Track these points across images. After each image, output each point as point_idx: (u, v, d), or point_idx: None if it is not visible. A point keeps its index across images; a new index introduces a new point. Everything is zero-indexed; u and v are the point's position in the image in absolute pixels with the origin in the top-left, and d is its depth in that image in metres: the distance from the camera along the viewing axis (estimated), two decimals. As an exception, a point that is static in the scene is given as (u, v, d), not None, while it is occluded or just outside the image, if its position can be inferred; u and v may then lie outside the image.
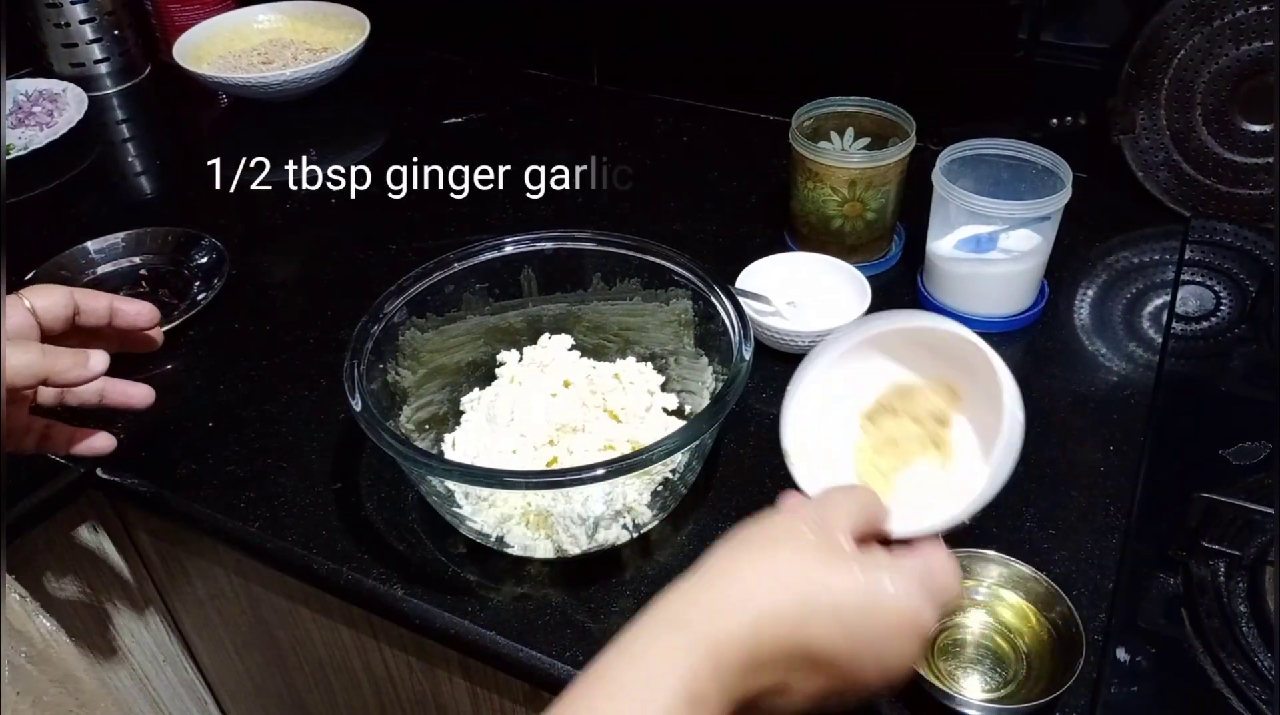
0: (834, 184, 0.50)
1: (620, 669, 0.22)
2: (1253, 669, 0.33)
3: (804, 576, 0.23)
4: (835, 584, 0.23)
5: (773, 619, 0.23)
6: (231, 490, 0.43)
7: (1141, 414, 0.44)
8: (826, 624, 0.23)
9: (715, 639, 0.22)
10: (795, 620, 0.23)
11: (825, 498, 0.27)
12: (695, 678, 0.22)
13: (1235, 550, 0.37)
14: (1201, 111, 0.52)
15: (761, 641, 0.23)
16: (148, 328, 0.38)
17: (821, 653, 0.23)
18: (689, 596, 0.23)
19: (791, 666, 0.23)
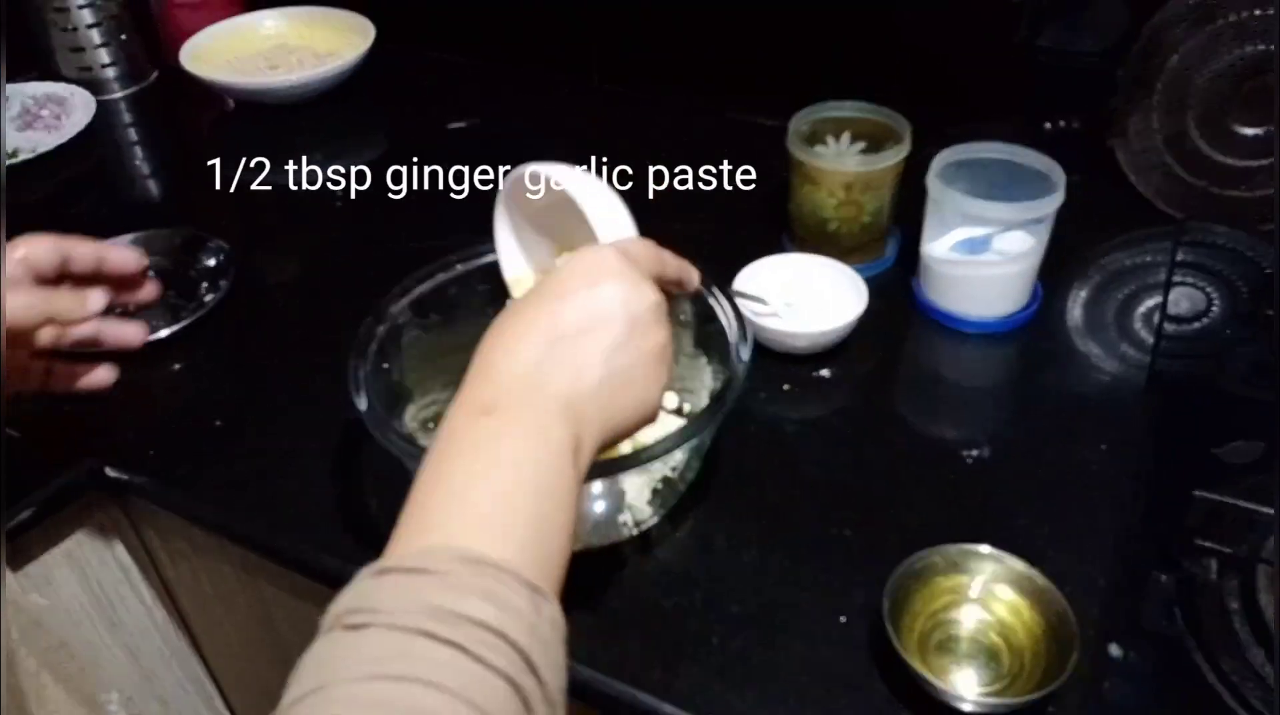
0: (830, 187, 0.51)
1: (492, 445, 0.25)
2: (1246, 666, 0.34)
3: (512, 311, 0.28)
4: (529, 296, 0.28)
5: (506, 345, 0.26)
6: (238, 488, 0.43)
7: (1134, 414, 0.45)
8: (542, 306, 0.27)
9: (478, 382, 0.26)
10: (522, 329, 0.27)
11: None
12: (476, 400, 0.25)
13: (1229, 548, 0.38)
14: (1195, 115, 0.53)
15: (514, 357, 0.26)
16: (136, 271, 0.38)
17: (560, 321, 0.27)
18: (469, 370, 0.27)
19: (557, 350, 0.26)
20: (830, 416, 0.46)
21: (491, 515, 0.23)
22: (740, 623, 0.37)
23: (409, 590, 0.21)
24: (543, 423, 0.25)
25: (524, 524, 0.23)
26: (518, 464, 0.24)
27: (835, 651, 0.36)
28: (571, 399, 0.26)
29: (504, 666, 0.20)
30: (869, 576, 0.38)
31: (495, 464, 0.24)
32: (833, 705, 0.34)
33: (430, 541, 0.23)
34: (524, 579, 0.22)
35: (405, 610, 0.20)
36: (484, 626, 0.20)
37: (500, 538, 0.23)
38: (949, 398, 0.48)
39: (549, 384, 0.26)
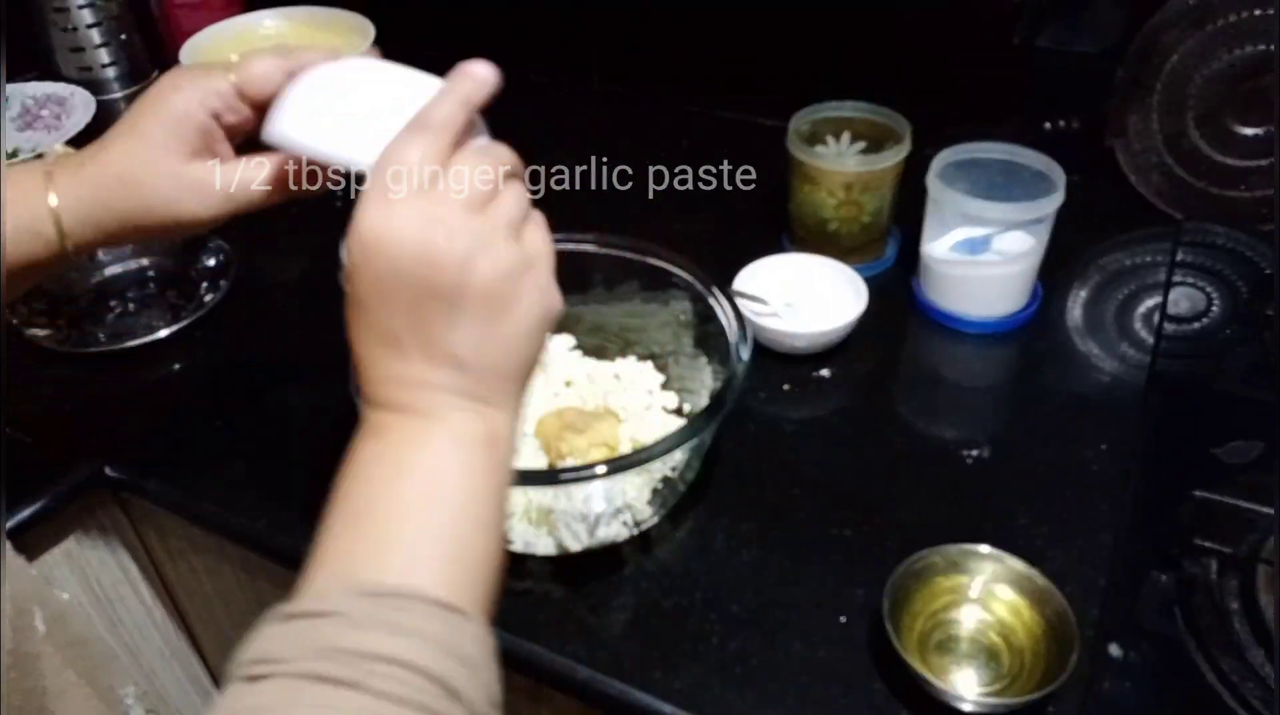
0: (830, 187, 0.51)
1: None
2: (1245, 665, 0.34)
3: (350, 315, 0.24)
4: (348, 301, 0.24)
5: (356, 346, 0.23)
6: (238, 488, 0.43)
7: (1134, 414, 0.45)
8: (355, 310, 0.24)
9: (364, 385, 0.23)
10: (356, 337, 0.24)
11: None
12: (364, 414, 0.23)
13: (1227, 548, 0.38)
14: (1194, 115, 0.53)
15: (360, 357, 0.23)
16: None
17: (377, 324, 0.23)
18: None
19: (388, 342, 0.23)
20: (830, 416, 0.46)
21: (394, 537, 0.22)
22: (740, 622, 0.37)
23: (306, 635, 0.20)
24: (430, 422, 0.23)
25: (433, 540, 0.22)
26: (418, 473, 0.22)
27: (835, 651, 0.36)
28: (444, 383, 0.23)
29: (413, 696, 0.19)
30: (869, 576, 0.38)
31: (394, 479, 0.22)
32: (832, 705, 0.34)
33: (333, 573, 0.21)
34: (436, 600, 0.21)
35: (301, 656, 0.19)
36: (386, 660, 0.19)
37: (406, 561, 0.21)
38: (949, 398, 0.48)
39: (412, 381, 0.23)
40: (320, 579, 0.22)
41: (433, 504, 0.22)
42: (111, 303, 0.55)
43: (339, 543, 0.22)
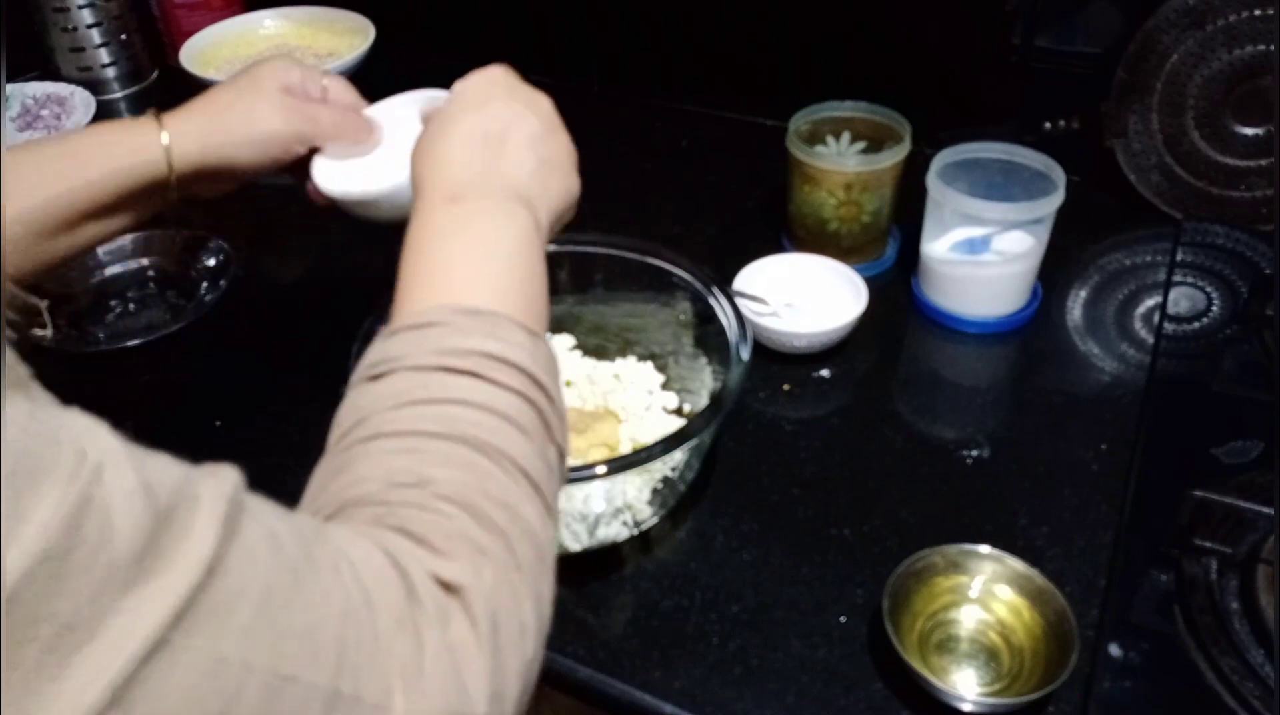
0: (830, 187, 0.51)
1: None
2: (1244, 665, 0.34)
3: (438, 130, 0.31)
4: (444, 117, 0.31)
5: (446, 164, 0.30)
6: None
7: (1133, 413, 0.45)
8: (460, 122, 0.30)
9: (438, 178, 0.29)
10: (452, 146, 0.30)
11: None
12: (442, 190, 0.29)
13: (1227, 548, 0.38)
14: (1193, 115, 0.53)
15: (457, 160, 0.29)
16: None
17: (481, 128, 0.30)
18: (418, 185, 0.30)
19: (489, 151, 0.30)
20: (830, 416, 0.46)
21: (481, 278, 0.26)
22: (740, 622, 0.37)
23: (420, 340, 0.24)
24: (505, 206, 0.28)
25: (511, 284, 0.26)
26: (496, 238, 0.27)
27: (835, 651, 0.36)
28: (518, 186, 0.29)
29: (516, 385, 0.23)
30: (868, 576, 0.38)
31: (475, 239, 0.27)
32: (832, 705, 0.34)
33: (428, 303, 0.25)
34: (519, 322, 0.25)
35: (420, 353, 0.23)
36: (492, 357, 0.23)
37: (493, 294, 0.26)
38: (949, 397, 0.48)
39: (496, 176, 0.29)
40: (417, 309, 0.25)
41: (511, 260, 0.27)
42: (111, 303, 0.55)
43: (432, 285, 0.26)
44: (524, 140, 0.30)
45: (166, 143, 0.35)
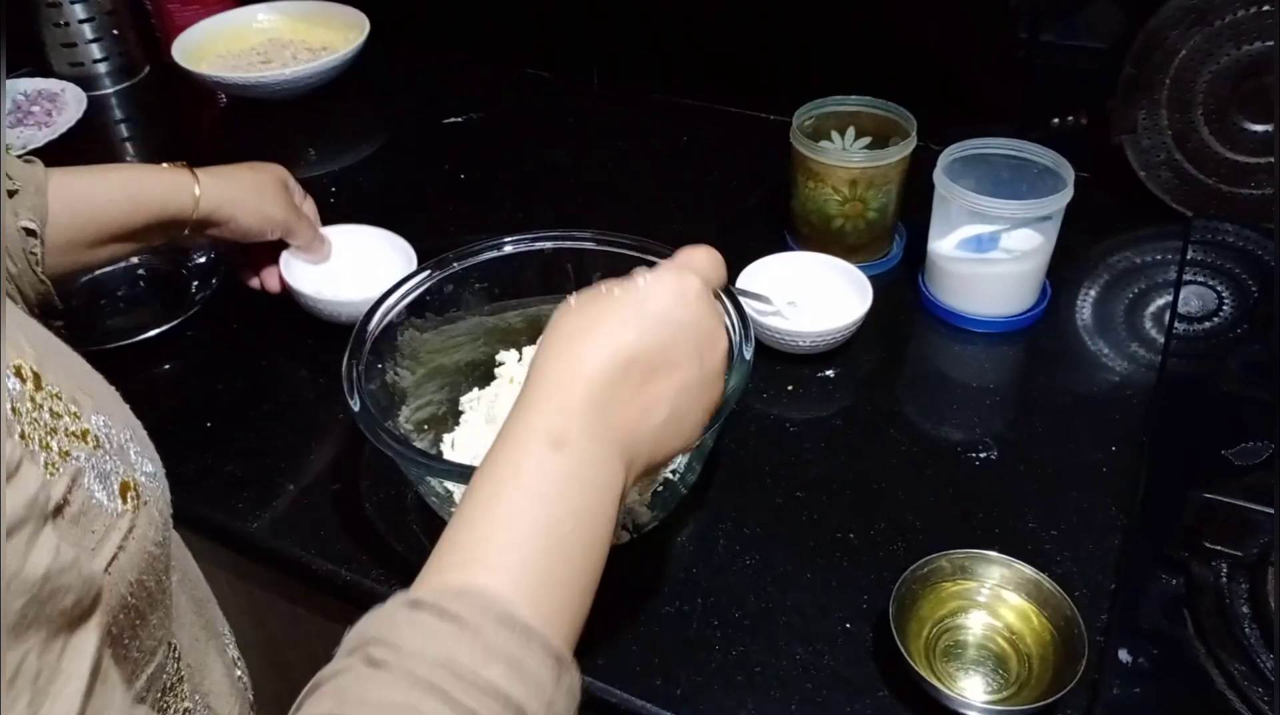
0: (835, 184, 0.50)
1: (493, 451, 0.25)
2: (1254, 669, 0.33)
3: (589, 317, 0.27)
4: (607, 305, 0.27)
5: (582, 359, 0.26)
6: (230, 491, 0.43)
7: (1143, 414, 0.44)
8: (625, 330, 0.26)
9: (550, 397, 0.26)
10: (600, 347, 0.26)
11: None
12: (549, 426, 0.25)
13: (1237, 551, 0.37)
14: (1202, 111, 0.52)
15: (589, 379, 0.26)
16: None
17: (641, 356, 0.26)
18: (530, 388, 0.27)
19: (630, 382, 0.26)
20: (834, 417, 0.45)
21: (541, 570, 0.23)
22: (742, 628, 0.36)
23: (436, 637, 0.21)
24: (608, 465, 0.25)
25: (568, 585, 0.23)
26: (578, 514, 0.24)
27: (839, 657, 0.35)
28: (635, 437, 0.26)
29: None
30: (873, 580, 0.37)
31: (557, 512, 0.24)
32: (836, 712, 0.34)
33: (472, 578, 0.22)
34: (552, 647, 0.22)
35: (427, 659, 0.21)
36: (501, 698, 0.20)
37: (543, 597, 0.23)
38: (955, 398, 0.47)
39: (616, 415, 0.26)
40: (461, 574, 0.23)
41: (581, 551, 0.24)
42: (102, 302, 0.54)
43: (485, 550, 0.23)
44: (673, 386, 0.27)
45: (198, 193, 0.44)
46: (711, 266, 0.30)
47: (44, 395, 0.21)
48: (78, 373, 0.24)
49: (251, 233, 0.47)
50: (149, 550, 0.23)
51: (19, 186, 0.39)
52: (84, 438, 0.21)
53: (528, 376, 0.27)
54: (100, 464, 0.22)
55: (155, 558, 0.24)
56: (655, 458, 0.27)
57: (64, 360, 0.23)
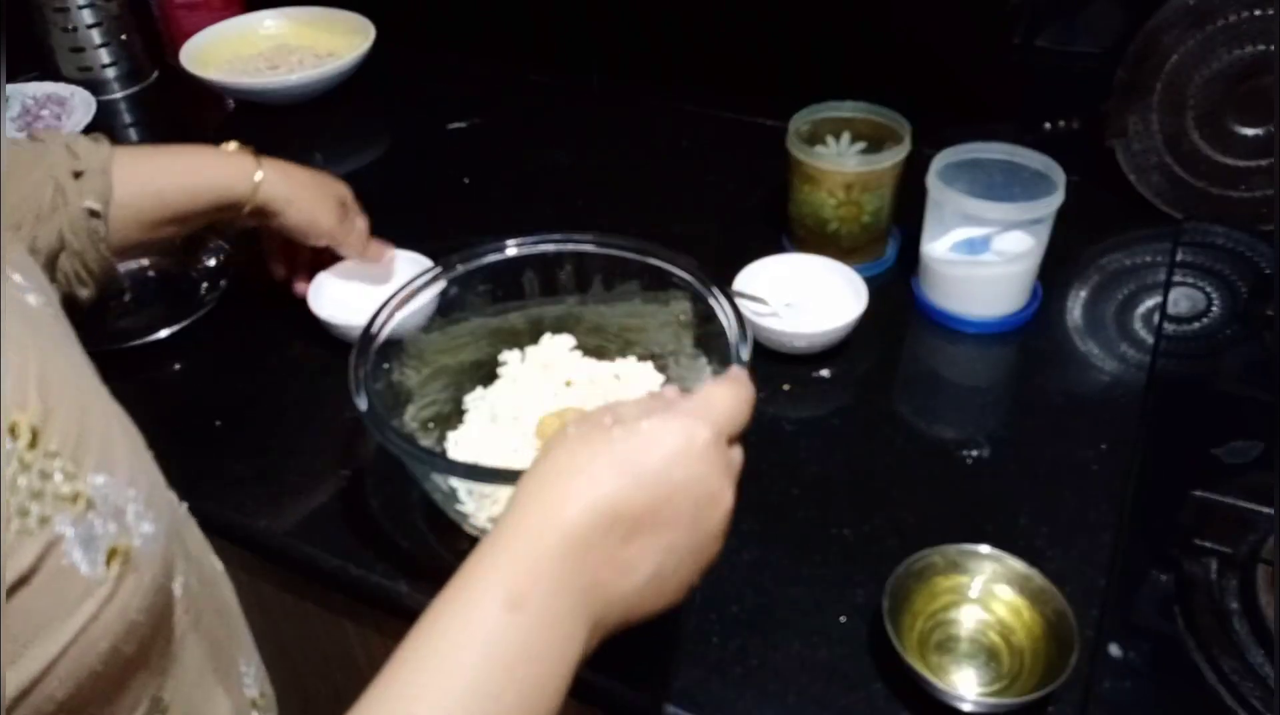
0: (830, 187, 0.51)
1: (448, 590, 0.23)
2: (1245, 665, 0.34)
3: (580, 458, 0.24)
4: (602, 447, 0.24)
5: (562, 504, 0.23)
6: (237, 488, 0.43)
7: (1134, 414, 0.45)
8: (614, 480, 0.24)
9: (519, 543, 0.23)
10: (583, 495, 0.23)
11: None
12: (509, 581, 0.22)
13: (1228, 548, 0.38)
14: (1194, 115, 0.53)
15: (564, 529, 0.23)
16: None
17: (628, 511, 0.23)
18: (504, 525, 0.24)
19: (611, 538, 0.23)
20: (830, 416, 0.46)
21: None
22: (740, 622, 0.37)
23: None
24: (568, 628, 0.23)
25: None
26: (523, 686, 0.22)
27: (835, 651, 0.36)
28: (607, 597, 0.24)
29: None
30: (868, 576, 0.38)
31: (501, 680, 0.22)
32: (832, 705, 0.34)
33: None
34: None
35: None
36: None
37: None
38: (949, 398, 0.48)
39: (589, 572, 0.23)
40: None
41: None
42: (111, 303, 0.55)
43: (419, 706, 0.21)
44: (659, 547, 0.24)
45: (257, 180, 0.45)
46: (731, 414, 0.26)
47: (37, 454, 0.19)
48: (94, 422, 0.21)
49: (298, 233, 0.47)
50: (131, 618, 0.21)
51: (85, 167, 0.39)
52: (74, 500, 0.19)
53: (511, 500, 0.24)
54: (88, 529, 0.20)
55: (139, 625, 0.21)
56: (629, 618, 0.25)
57: (79, 408, 0.21)
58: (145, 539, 0.22)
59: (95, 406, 0.22)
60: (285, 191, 0.46)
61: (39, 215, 0.39)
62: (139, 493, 0.22)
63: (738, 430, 0.27)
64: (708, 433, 0.25)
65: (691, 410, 0.26)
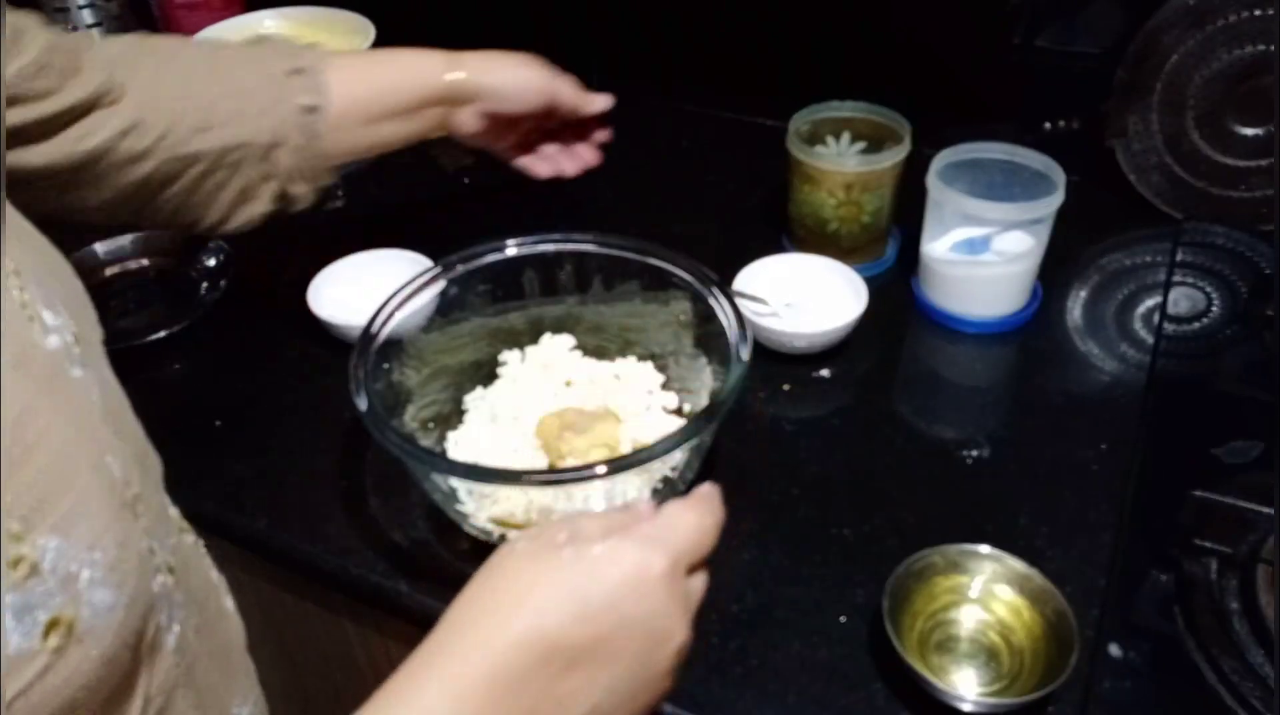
0: (830, 187, 0.51)
1: (375, 701, 0.22)
2: (1245, 665, 0.34)
3: (524, 581, 0.23)
4: (548, 569, 0.23)
5: (499, 630, 0.22)
6: (238, 487, 0.43)
7: (1134, 414, 0.45)
8: (556, 610, 0.22)
9: (451, 666, 0.22)
10: (521, 622, 0.22)
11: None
12: (440, 705, 0.21)
13: (1227, 548, 0.38)
14: (1194, 115, 0.53)
15: (497, 659, 0.22)
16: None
17: (569, 644, 0.22)
18: (437, 642, 0.23)
19: (548, 670, 0.22)
20: (830, 416, 0.46)
21: None
22: (740, 622, 0.37)
23: None
24: None
25: None
26: None
27: (835, 651, 0.36)
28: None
29: None
30: (868, 576, 0.38)
31: None
32: (832, 705, 0.34)
33: None
34: None
35: None
36: None
37: None
38: (949, 398, 0.48)
39: (524, 703, 0.22)
40: None
41: None
42: (111, 303, 0.55)
43: None
44: (599, 684, 0.22)
45: (463, 74, 0.44)
46: (694, 541, 0.25)
47: None
48: (70, 480, 0.19)
49: (521, 102, 0.46)
50: (73, 695, 0.19)
51: (302, 65, 0.41)
52: (14, 565, 0.18)
53: (448, 615, 0.23)
54: (26, 597, 0.18)
55: (81, 703, 0.19)
56: None
57: (55, 465, 0.19)
58: (99, 609, 0.19)
59: (82, 463, 0.20)
60: (490, 66, 0.45)
61: (260, 110, 0.40)
62: (102, 557, 0.20)
63: (700, 558, 0.25)
64: (664, 562, 0.24)
65: (651, 535, 0.24)
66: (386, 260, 0.53)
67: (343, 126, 0.42)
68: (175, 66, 0.39)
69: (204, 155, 0.39)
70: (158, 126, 0.38)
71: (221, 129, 0.39)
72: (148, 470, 0.25)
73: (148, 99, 0.38)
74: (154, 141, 0.38)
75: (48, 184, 0.36)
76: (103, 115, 0.37)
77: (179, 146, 0.38)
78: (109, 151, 0.37)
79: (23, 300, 0.21)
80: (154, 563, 0.22)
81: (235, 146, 0.40)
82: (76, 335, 0.23)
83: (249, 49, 0.43)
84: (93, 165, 0.37)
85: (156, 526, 0.23)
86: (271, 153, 0.41)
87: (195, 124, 0.39)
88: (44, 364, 0.21)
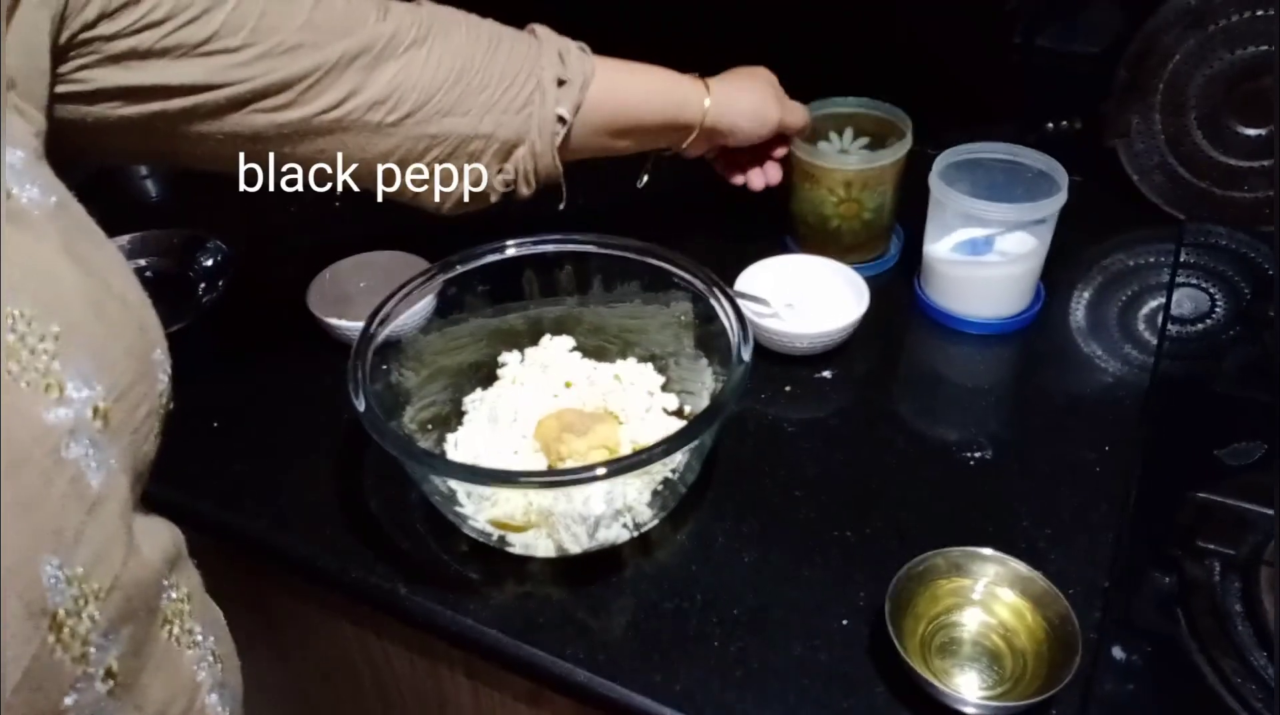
0: (830, 185, 0.51)
1: None
2: (1246, 667, 0.34)
3: None
4: None
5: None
6: (236, 489, 0.43)
7: (1136, 415, 0.45)
8: None
9: None
10: None
11: None
12: None
13: (1230, 549, 0.37)
14: (1196, 115, 0.53)
15: None
16: None
17: None
18: None
19: None
20: (831, 417, 0.46)
21: None
22: (740, 624, 0.37)
23: None
24: None
25: None
26: None
27: (836, 653, 0.36)
28: None
29: None
30: (870, 578, 0.38)
31: None
32: (834, 707, 0.34)
33: None
34: None
35: None
36: None
37: None
38: (951, 399, 0.47)
39: None
40: None
41: None
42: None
43: None
44: None
45: (707, 105, 0.45)
46: None
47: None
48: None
49: (751, 138, 0.47)
50: None
51: (569, 77, 0.42)
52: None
53: None
54: None
55: None
56: None
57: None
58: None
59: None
60: (733, 107, 0.46)
61: (516, 108, 0.40)
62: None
63: None
64: None
65: None
66: (386, 261, 0.53)
67: (583, 134, 0.43)
68: (452, 44, 0.39)
69: (444, 139, 0.39)
70: (409, 101, 0.37)
71: (471, 117, 0.39)
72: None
73: (413, 74, 0.37)
74: (403, 116, 0.37)
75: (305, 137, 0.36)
76: (358, 78, 0.36)
77: (425, 124, 0.38)
78: (354, 119, 0.36)
79: (47, 368, 0.21)
80: None
81: (478, 137, 0.40)
82: (98, 408, 0.23)
83: (525, 42, 0.42)
84: (338, 129, 0.36)
85: None
86: (513, 150, 0.41)
87: (446, 107, 0.38)
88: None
